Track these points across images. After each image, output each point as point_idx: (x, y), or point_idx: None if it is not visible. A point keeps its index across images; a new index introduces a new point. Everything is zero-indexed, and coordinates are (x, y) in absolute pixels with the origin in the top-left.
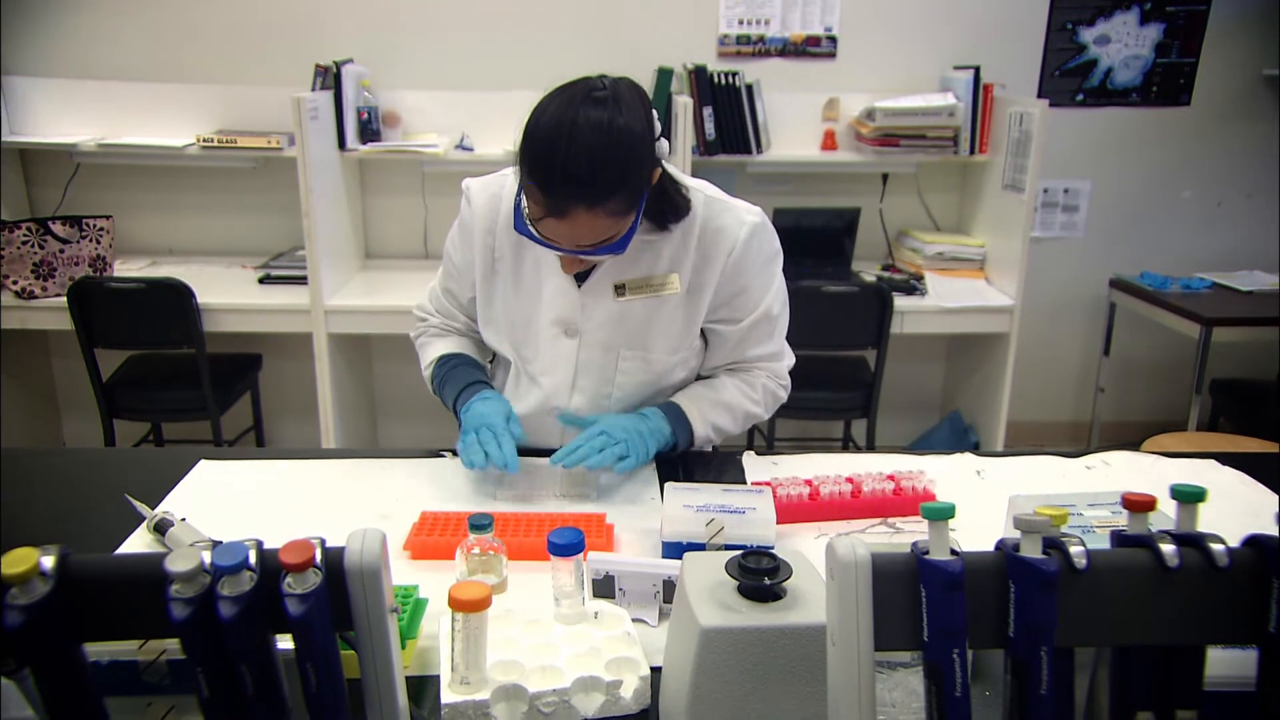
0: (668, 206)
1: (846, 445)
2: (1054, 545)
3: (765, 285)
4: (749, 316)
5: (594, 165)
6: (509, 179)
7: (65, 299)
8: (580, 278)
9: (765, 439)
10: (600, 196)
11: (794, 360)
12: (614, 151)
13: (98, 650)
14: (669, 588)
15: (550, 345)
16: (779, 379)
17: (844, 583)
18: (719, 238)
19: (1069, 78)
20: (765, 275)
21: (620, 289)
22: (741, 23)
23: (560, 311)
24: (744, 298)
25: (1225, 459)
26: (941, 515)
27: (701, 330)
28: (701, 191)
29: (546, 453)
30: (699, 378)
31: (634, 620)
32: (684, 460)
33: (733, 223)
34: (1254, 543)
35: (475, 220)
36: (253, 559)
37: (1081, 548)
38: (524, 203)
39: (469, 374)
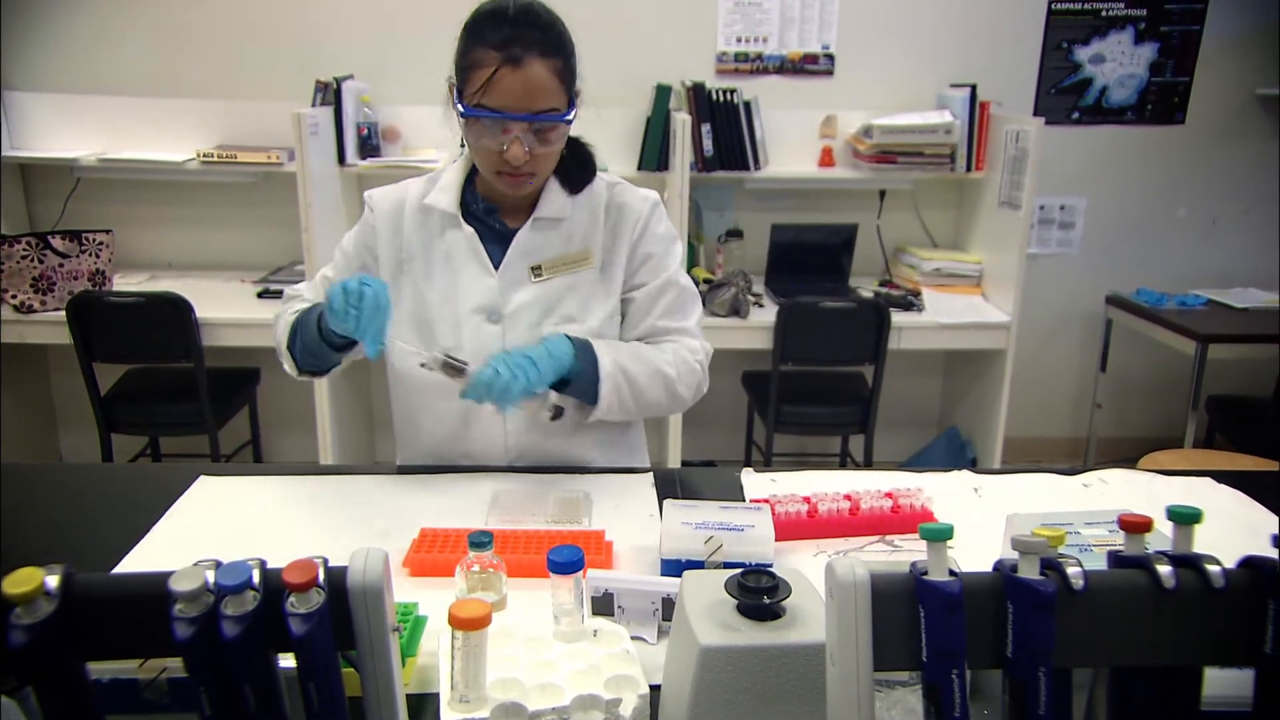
0: (576, 164)
1: (844, 461)
2: (1051, 566)
3: (670, 256)
4: (657, 280)
5: (544, 20)
6: (411, 186)
7: (64, 313)
8: (495, 264)
9: (763, 454)
10: (551, 46)
11: (710, 348)
12: (556, 21)
13: (98, 668)
14: (668, 605)
15: (474, 334)
16: (691, 351)
17: (843, 603)
18: (625, 213)
19: (1064, 96)
20: (670, 248)
21: (537, 270)
22: (739, 40)
23: (480, 299)
24: (651, 263)
25: (1221, 477)
26: (940, 536)
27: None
28: (603, 177)
29: (529, 469)
30: None
31: (633, 638)
32: (682, 477)
33: (636, 200)
34: (1250, 564)
35: (380, 224)
36: (256, 578)
37: (1079, 569)
38: (463, 94)
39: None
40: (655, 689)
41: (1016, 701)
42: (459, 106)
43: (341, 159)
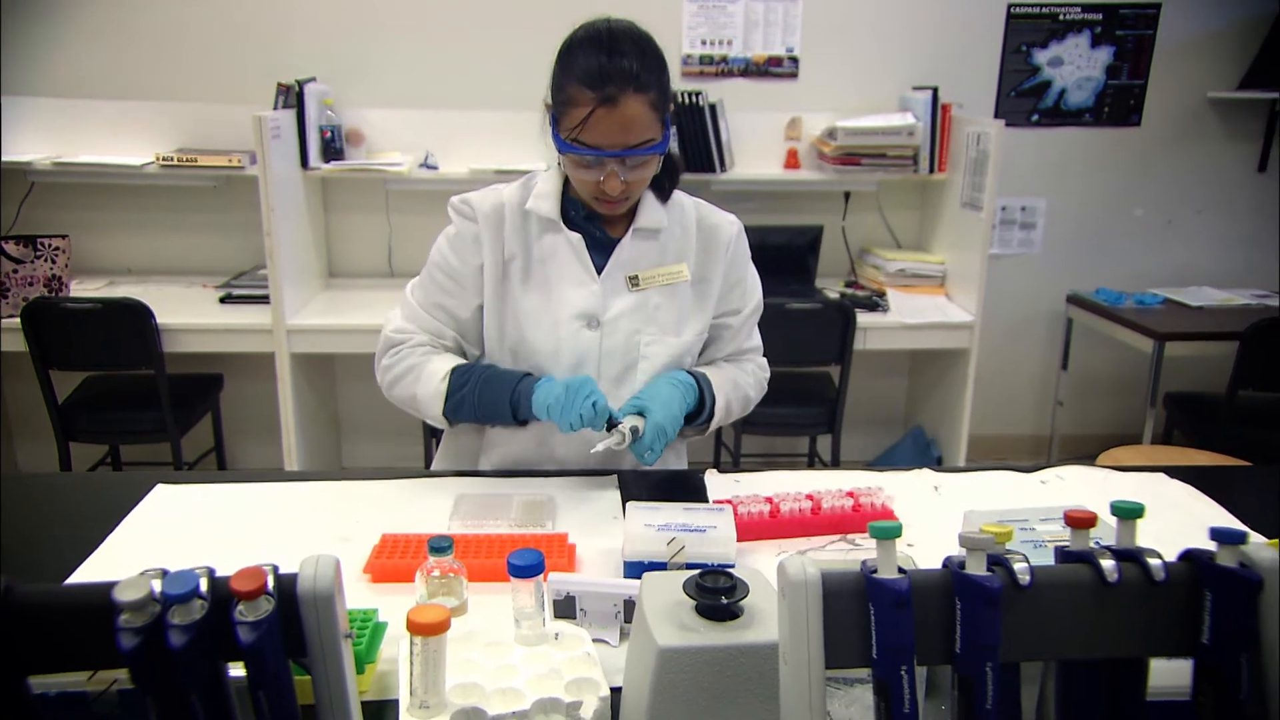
0: (668, 171)
1: (812, 461)
2: (999, 562)
3: (756, 282)
4: (748, 307)
5: (638, 49)
6: (504, 191)
7: (19, 319)
8: (597, 270)
9: (731, 455)
10: (646, 81)
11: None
12: (648, 44)
13: (46, 682)
14: (630, 607)
15: (571, 339)
16: (763, 369)
17: (795, 601)
18: (716, 233)
19: (1024, 98)
20: (753, 272)
21: (634, 280)
22: (704, 43)
23: (581, 305)
24: (740, 289)
25: (1174, 472)
26: (888, 534)
27: None
28: (687, 195)
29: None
30: None
31: (595, 640)
32: (646, 480)
33: (724, 221)
34: (1188, 557)
35: (483, 225)
36: (204, 587)
37: (1025, 564)
38: (559, 125)
39: (514, 371)
40: (617, 691)
41: (965, 696)
42: (555, 138)
43: (304, 162)
